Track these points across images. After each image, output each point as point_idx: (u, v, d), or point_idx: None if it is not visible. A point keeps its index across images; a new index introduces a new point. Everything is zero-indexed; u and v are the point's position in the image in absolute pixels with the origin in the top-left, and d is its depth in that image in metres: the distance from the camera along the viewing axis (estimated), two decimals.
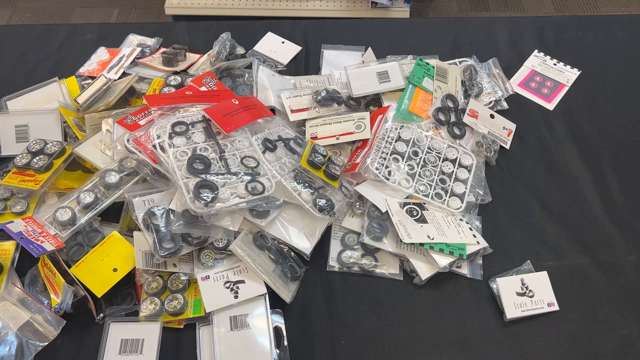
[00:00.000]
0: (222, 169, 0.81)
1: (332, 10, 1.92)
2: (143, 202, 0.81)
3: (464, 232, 0.83)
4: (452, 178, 0.90)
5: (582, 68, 1.12)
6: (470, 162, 0.92)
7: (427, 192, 0.87)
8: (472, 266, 0.83)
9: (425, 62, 1.02)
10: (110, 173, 0.84)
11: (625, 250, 0.85)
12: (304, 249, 0.81)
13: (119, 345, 0.74)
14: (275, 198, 0.81)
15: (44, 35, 1.19)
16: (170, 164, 0.79)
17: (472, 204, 0.89)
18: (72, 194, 0.84)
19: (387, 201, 0.84)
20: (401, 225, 0.81)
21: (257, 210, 0.80)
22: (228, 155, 0.83)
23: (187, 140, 0.83)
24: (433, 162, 0.91)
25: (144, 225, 0.79)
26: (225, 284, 0.77)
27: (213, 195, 0.76)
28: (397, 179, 0.87)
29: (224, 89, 0.97)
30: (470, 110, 0.97)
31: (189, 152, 0.81)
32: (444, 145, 0.92)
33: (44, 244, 0.76)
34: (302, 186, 0.83)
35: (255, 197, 0.78)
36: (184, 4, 1.94)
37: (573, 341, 0.76)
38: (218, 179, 0.79)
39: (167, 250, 0.76)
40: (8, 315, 0.74)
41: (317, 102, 0.95)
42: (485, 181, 0.92)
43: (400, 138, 0.91)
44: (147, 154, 0.82)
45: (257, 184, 0.80)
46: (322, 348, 0.76)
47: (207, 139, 0.85)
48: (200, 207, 0.75)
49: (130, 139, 0.84)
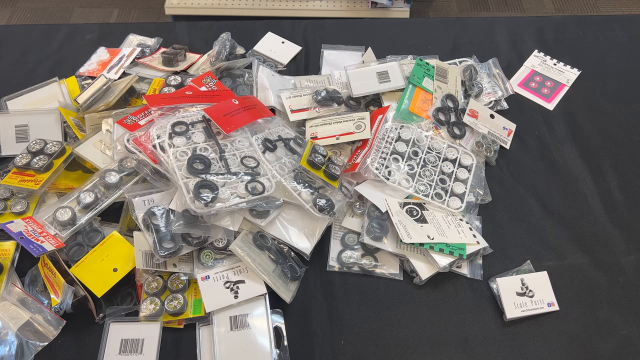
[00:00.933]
0: (222, 169, 0.81)
1: (332, 10, 1.92)
2: (143, 202, 0.81)
3: (464, 232, 0.83)
4: (452, 178, 0.90)
5: (582, 68, 1.12)
6: (470, 162, 0.92)
7: (427, 192, 0.87)
8: (472, 266, 0.83)
9: (425, 62, 1.02)
10: (110, 173, 0.84)
11: (625, 250, 0.85)
12: (304, 249, 0.81)
13: (119, 345, 0.74)
14: (275, 198, 0.81)
15: (44, 35, 1.19)
16: (170, 164, 0.79)
17: (472, 204, 0.89)
18: (72, 194, 0.84)
19: (387, 201, 0.84)
20: (401, 225, 0.81)
21: (257, 210, 0.80)
22: (228, 155, 0.83)
23: (187, 140, 0.83)
24: (433, 162, 0.91)
25: (144, 225, 0.79)
26: (225, 284, 0.77)
27: (213, 195, 0.76)
28: (397, 179, 0.87)
29: (224, 89, 0.97)
30: (470, 110, 0.97)
31: (189, 152, 0.81)
32: (444, 145, 0.92)
33: (44, 244, 0.76)
34: (302, 186, 0.83)
35: (255, 197, 0.78)
36: (184, 4, 1.94)
37: (573, 341, 0.76)
38: (218, 179, 0.79)
39: (167, 250, 0.76)
40: (8, 315, 0.75)
41: (317, 102, 0.95)
42: (485, 181, 0.92)
43: (400, 138, 0.91)
44: (147, 154, 0.82)
45: (257, 184, 0.80)
46: (322, 348, 0.76)
47: (207, 139, 0.85)
48: (200, 207, 0.75)
49: (130, 139, 0.84)
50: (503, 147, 0.98)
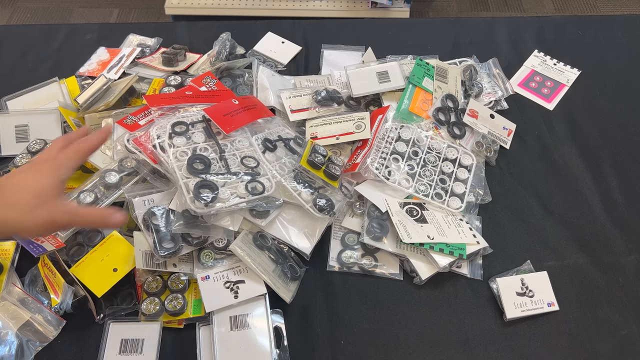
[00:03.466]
0: (222, 169, 0.81)
1: (332, 10, 1.92)
2: (143, 202, 0.81)
3: (464, 232, 0.83)
4: (452, 178, 0.90)
5: (582, 68, 1.12)
6: (470, 162, 0.92)
7: (427, 192, 0.87)
8: (472, 266, 0.83)
9: (425, 62, 1.02)
10: (110, 173, 0.84)
11: (625, 250, 0.85)
12: (304, 249, 0.81)
13: (118, 345, 0.74)
14: (275, 198, 0.81)
15: (44, 35, 1.19)
16: (170, 164, 0.79)
17: (472, 204, 0.89)
18: (72, 193, 0.84)
19: (387, 201, 0.84)
20: (401, 225, 0.81)
21: (257, 210, 0.80)
22: (228, 155, 0.83)
23: (187, 140, 0.83)
24: (433, 162, 0.91)
25: (144, 225, 0.79)
26: (225, 284, 0.77)
27: (213, 195, 0.76)
28: (397, 178, 0.87)
29: (224, 89, 0.97)
30: (470, 110, 0.97)
31: (189, 152, 0.81)
32: (444, 145, 0.92)
33: (44, 244, 0.76)
34: (302, 186, 0.83)
35: (255, 197, 0.78)
36: (184, 4, 1.94)
37: (573, 341, 0.76)
38: (218, 179, 0.79)
39: (167, 250, 0.76)
40: (8, 315, 0.75)
41: (317, 102, 0.95)
42: (485, 181, 0.92)
43: (400, 138, 0.91)
44: (147, 154, 0.82)
45: (257, 184, 0.80)
46: (322, 348, 0.76)
47: (207, 139, 0.85)
48: (201, 207, 0.75)
49: (130, 139, 0.84)
50: (503, 147, 0.98)
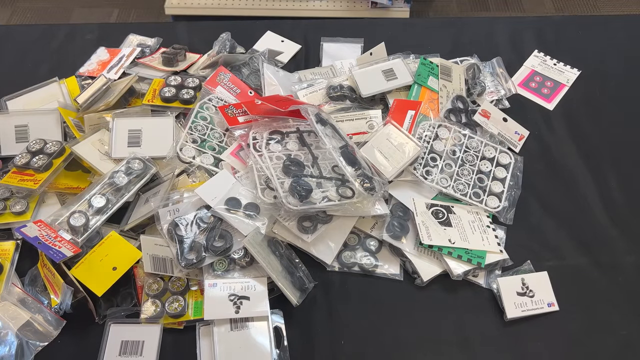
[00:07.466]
0: (314, 173, 0.84)
1: (332, 10, 1.92)
2: (168, 212, 0.81)
3: (488, 239, 0.83)
4: (490, 177, 0.89)
5: (582, 68, 1.12)
6: (509, 160, 0.92)
7: (466, 191, 0.87)
8: (489, 277, 0.81)
9: (429, 61, 1.02)
10: (118, 174, 0.84)
11: (625, 250, 0.85)
12: (325, 258, 0.82)
13: (119, 347, 0.73)
14: (362, 205, 0.81)
15: (44, 35, 1.19)
16: (266, 162, 0.83)
17: (506, 208, 0.88)
18: (82, 196, 0.83)
19: (413, 200, 0.84)
20: (423, 226, 0.81)
21: (305, 225, 0.81)
22: (320, 162, 0.86)
23: (282, 147, 0.87)
24: (471, 161, 0.90)
25: (169, 235, 0.80)
26: (230, 296, 0.76)
27: (305, 194, 0.79)
28: (435, 178, 0.87)
29: (283, 98, 0.97)
30: (482, 110, 0.97)
31: (283, 157, 0.85)
32: (482, 143, 0.92)
33: (62, 249, 0.76)
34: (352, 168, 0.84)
35: (345, 200, 0.80)
36: (184, 4, 1.94)
37: (573, 341, 0.76)
38: (311, 181, 0.81)
39: (189, 261, 0.76)
40: (8, 315, 0.75)
41: (330, 98, 0.96)
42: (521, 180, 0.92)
43: (438, 137, 0.91)
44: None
45: (347, 189, 0.82)
46: (322, 348, 0.76)
47: (300, 147, 0.88)
48: (295, 204, 0.78)
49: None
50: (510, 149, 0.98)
